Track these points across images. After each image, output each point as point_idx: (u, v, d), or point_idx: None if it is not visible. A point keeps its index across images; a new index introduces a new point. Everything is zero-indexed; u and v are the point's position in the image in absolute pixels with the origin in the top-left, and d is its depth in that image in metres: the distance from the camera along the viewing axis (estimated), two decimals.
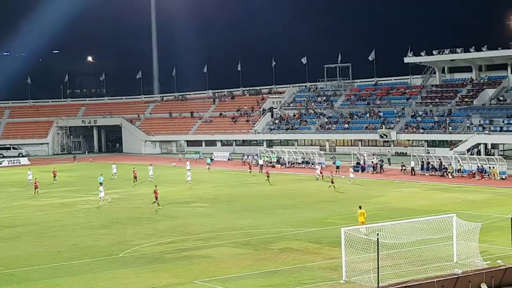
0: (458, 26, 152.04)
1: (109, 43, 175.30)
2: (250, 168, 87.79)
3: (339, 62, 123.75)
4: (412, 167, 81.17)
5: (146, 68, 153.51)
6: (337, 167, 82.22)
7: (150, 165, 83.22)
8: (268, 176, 75.97)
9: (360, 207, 44.72)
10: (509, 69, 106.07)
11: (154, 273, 35.85)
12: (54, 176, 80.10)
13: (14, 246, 44.83)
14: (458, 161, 79.23)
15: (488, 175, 75.37)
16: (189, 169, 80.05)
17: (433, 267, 33.63)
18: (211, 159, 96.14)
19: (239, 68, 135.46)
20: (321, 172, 79.24)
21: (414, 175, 79.93)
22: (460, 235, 35.24)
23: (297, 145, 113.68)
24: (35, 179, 72.53)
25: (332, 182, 69.13)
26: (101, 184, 69.75)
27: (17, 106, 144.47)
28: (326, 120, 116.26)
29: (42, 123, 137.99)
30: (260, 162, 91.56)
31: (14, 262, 39.56)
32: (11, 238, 47.64)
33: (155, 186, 62.31)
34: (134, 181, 77.38)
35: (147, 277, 35.16)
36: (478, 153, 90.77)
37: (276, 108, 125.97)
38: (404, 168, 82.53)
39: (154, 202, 59.63)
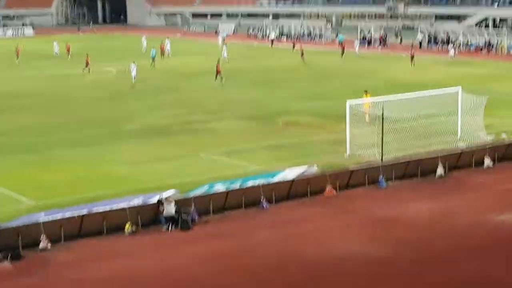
0: None
1: None
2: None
3: None
4: (420, 41, 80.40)
5: None
6: (340, 43, 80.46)
7: (167, 38, 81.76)
8: (302, 54, 70.73)
9: (365, 92, 40.51)
10: None
11: (159, 146, 35.99)
12: (68, 51, 78.73)
13: (22, 116, 44.84)
14: (466, 35, 78.41)
15: (495, 50, 74.75)
16: (225, 44, 77.53)
17: (436, 141, 33.73)
18: (219, 33, 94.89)
19: None
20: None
21: (421, 48, 79.26)
22: (465, 109, 35.12)
23: (303, 18, 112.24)
24: (87, 55, 66.92)
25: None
26: (153, 59, 67.81)
27: None
28: None
29: None
30: (272, 36, 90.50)
31: (23, 132, 39.69)
32: (19, 109, 47.71)
33: (219, 58, 59.56)
34: (161, 56, 75.72)
35: (152, 149, 35.33)
36: (487, 27, 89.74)
37: None
38: (400, 37, 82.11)
39: (218, 77, 56.40)
